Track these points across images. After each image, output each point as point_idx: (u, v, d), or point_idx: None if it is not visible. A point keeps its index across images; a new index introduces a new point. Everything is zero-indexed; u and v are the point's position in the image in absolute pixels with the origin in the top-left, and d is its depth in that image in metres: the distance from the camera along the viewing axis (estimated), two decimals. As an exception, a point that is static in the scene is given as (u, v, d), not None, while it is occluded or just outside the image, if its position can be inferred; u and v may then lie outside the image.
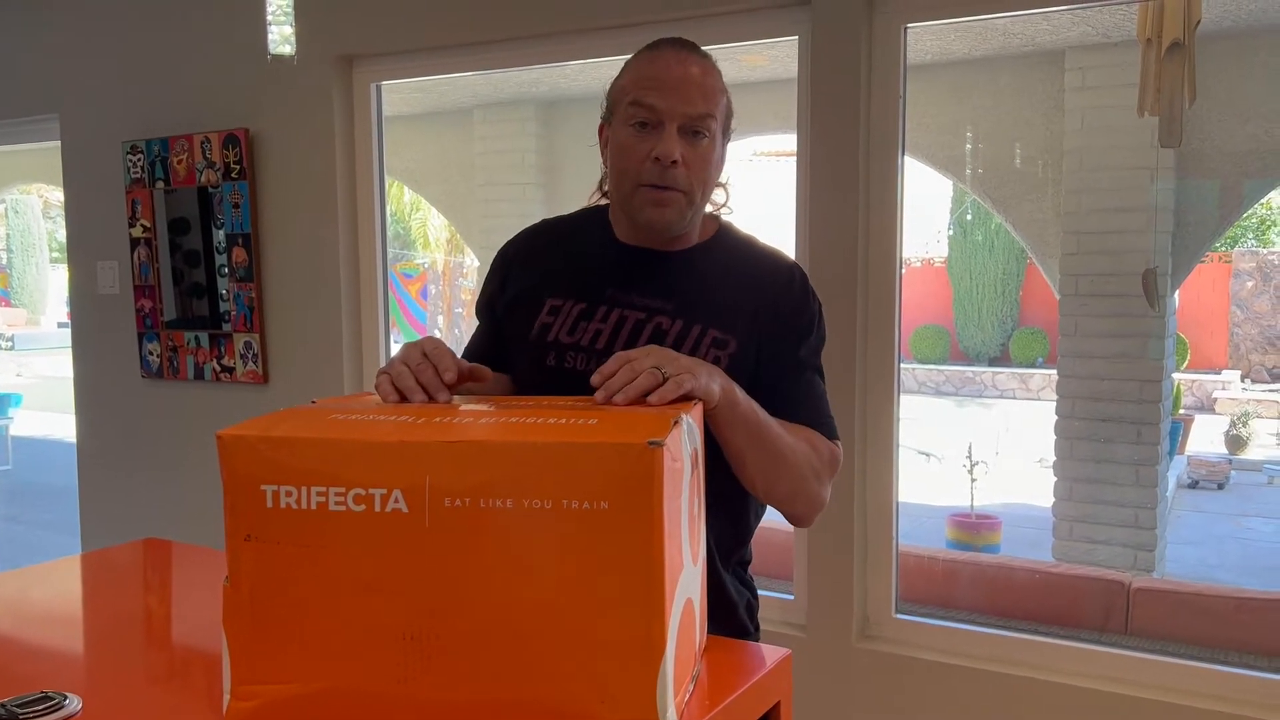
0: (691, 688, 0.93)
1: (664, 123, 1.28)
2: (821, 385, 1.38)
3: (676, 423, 0.87)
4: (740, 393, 1.17)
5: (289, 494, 0.82)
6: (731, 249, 1.41)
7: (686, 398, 1.04)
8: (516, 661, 0.82)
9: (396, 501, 0.81)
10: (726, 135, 1.36)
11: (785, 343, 1.35)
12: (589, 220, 1.46)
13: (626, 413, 0.97)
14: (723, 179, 1.40)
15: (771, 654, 1.05)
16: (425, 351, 1.10)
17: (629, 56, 1.36)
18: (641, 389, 1.01)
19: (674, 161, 1.27)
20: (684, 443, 0.89)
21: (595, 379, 1.05)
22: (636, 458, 0.79)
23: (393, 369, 1.09)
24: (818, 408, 1.35)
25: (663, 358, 1.06)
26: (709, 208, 1.40)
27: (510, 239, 1.51)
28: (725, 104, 1.33)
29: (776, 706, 1.02)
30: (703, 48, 1.35)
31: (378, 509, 0.82)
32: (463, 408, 1.03)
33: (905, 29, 2.35)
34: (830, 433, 1.34)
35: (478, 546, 0.81)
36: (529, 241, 1.49)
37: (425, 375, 1.07)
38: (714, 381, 1.11)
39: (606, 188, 1.42)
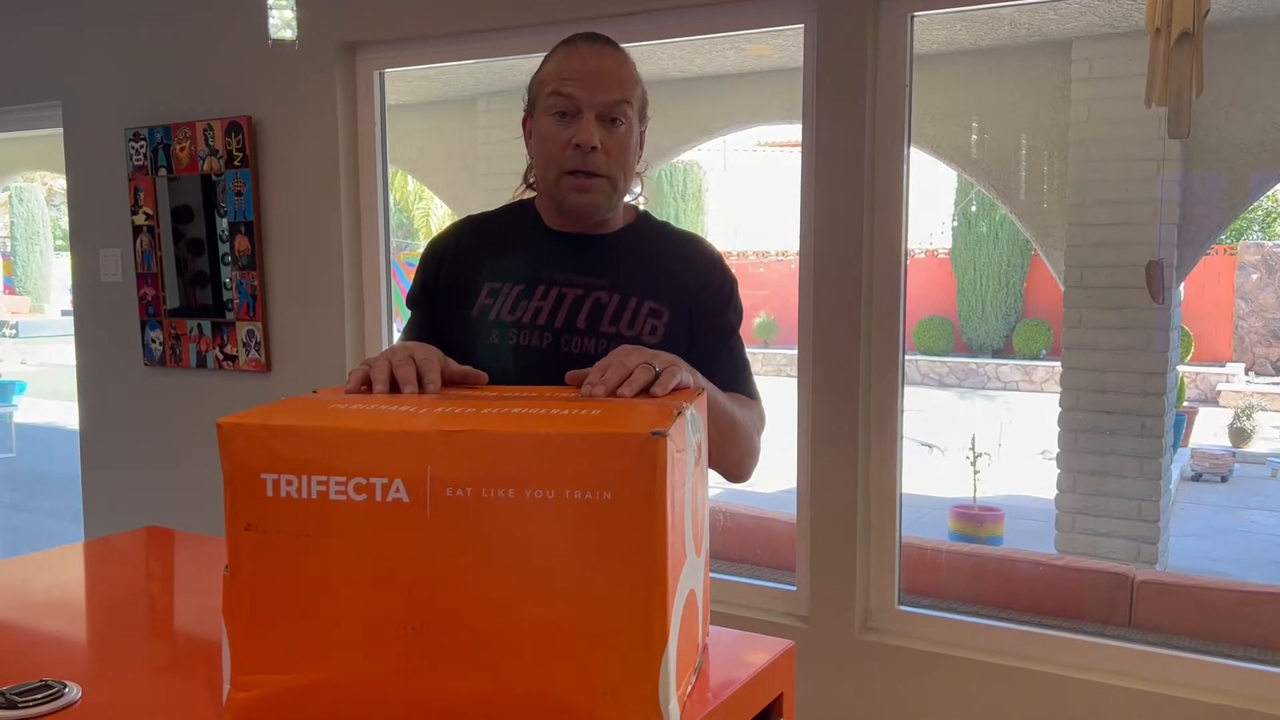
0: (693, 679, 0.92)
1: (582, 111, 1.35)
2: (744, 349, 1.49)
3: (680, 413, 0.86)
4: (702, 377, 1.21)
5: (289, 483, 0.82)
6: (654, 232, 1.51)
7: (677, 388, 1.04)
8: (517, 652, 0.81)
9: (398, 491, 0.81)
10: (643, 121, 1.43)
11: (714, 313, 1.45)
12: (516, 213, 1.52)
13: (629, 403, 0.96)
14: (640, 169, 1.49)
15: (774, 646, 1.04)
16: (414, 356, 1.07)
17: (551, 50, 1.42)
18: (641, 382, 1.01)
19: (593, 147, 1.34)
20: (688, 433, 0.88)
21: (589, 379, 1.03)
22: (640, 448, 0.78)
23: (373, 363, 1.06)
24: (745, 373, 1.47)
25: (646, 354, 1.06)
26: (627, 198, 1.48)
27: (438, 234, 1.55)
28: (640, 93, 1.41)
29: (779, 698, 1.02)
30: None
31: (379, 499, 0.81)
32: (464, 398, 1.02)
33: (912, 18, 2.33)
34: (756, 394, 1.47)
35: (479, 537, 0.81)
36: (457, 235, 1.52)
37: (402, 372, 1.04)
38: (690, 374, 1.13)
39: (532, 179, 1.48)
